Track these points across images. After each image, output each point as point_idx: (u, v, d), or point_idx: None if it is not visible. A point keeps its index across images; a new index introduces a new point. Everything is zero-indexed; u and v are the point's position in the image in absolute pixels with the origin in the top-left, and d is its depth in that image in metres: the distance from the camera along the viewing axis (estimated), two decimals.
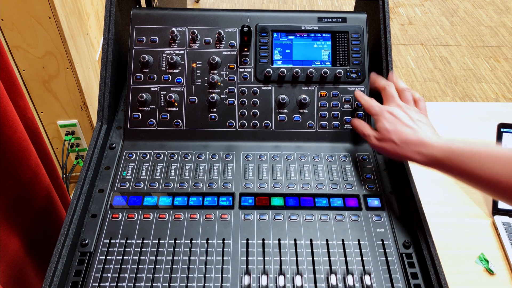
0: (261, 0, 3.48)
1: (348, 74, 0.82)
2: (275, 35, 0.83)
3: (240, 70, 0.82)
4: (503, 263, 0.80)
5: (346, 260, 0.63)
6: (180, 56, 0.81)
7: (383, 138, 0.69)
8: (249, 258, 0.63)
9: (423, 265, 0.63)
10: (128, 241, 0.64)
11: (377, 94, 0.86)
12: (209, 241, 0.65)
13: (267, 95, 0.81)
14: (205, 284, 0.60)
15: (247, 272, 0.61)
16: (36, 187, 0.89)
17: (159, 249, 0.63)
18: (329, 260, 0.63)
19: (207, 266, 0.62)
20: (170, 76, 0.81)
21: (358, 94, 0.79)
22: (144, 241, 0.64)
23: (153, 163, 0.75)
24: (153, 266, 0.61)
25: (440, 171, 0.64)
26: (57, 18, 1.32)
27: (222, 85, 0.81)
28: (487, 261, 0.79)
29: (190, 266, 0.62)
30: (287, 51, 0.83)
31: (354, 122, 0.79)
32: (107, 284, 0.60)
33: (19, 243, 0.86)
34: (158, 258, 0.62)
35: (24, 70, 1.41)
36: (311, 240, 0.66)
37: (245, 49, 0.82)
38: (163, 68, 0.81)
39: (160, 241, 0.64)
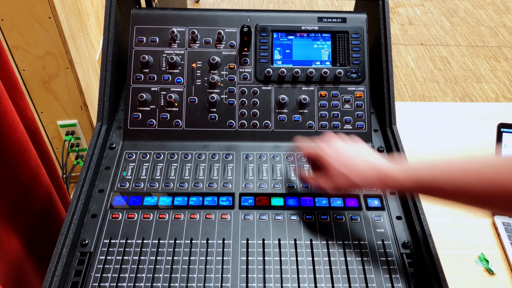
0: (261, 0, 3.48)
1: (348, 74, 0.82)
2: (275, 35, 0.83)
3: (240, 70, 0.82)
4: (503, 263, 0.79)
5: (346, 260, 0.63)
6: (180, 56, 0.81)
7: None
8: (249, 258, 0.63)
9: (423, 265, 0.63)
10: (128, 241, 0.64)
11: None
12: (209, 241, 0.65)
13: (267, 95, 0.81)
14: (205, 284, 0.60)
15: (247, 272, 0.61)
16: (36, 187, 0.89)
17: (159, 249, 0.63)
18: (329, 260, 0.63)
19: (207, 266, 0.62)
20: (170, 76, 0.81)
21: (300, 146, 0.71)
22: (144, 241, 0.64)
23: (153, 163, 0.75)
24: (153, 266, 0.61)
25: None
26: (57, 18, 1.32)
27: (222, 85, 0.81)
28: (487, 261, 0.79)
29: (190, 266, 0.62)
30: (287, 51, 0.83)
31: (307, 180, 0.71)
32: (107, 284, 0.60)
33: (19, 243, 0.86)
34: (158, 258, 0.62)
35: (24, 70, 1.41)
36: (311, 240, 0.65)
37: (245, 49, 0.82)
38: (163, 68, 0.81)
39: (160, 241, 0.64)
